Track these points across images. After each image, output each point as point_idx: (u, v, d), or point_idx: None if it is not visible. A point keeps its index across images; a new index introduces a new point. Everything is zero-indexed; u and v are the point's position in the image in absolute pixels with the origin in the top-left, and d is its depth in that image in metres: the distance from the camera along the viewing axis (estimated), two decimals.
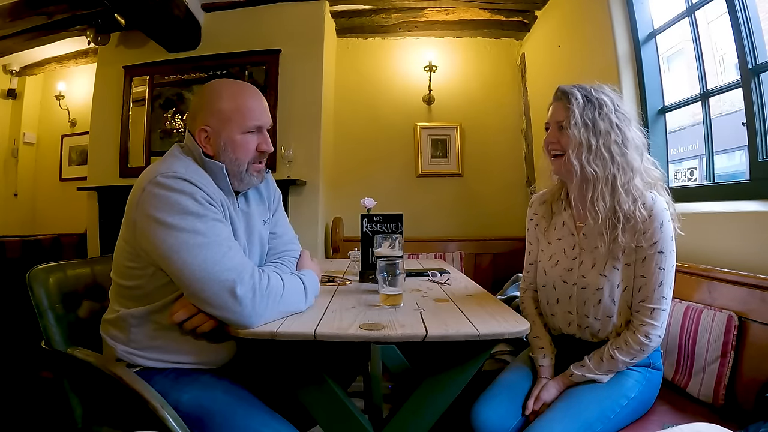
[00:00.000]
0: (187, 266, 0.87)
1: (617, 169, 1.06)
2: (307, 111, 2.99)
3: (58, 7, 2.68)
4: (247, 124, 1.02)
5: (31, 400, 2.10)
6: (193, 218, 0.89)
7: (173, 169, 0.93)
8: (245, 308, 0.86)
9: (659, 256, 1.05)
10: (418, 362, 1.75)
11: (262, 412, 0.93)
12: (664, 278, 1.05)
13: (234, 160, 1.02)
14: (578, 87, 1.12)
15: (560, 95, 1.13)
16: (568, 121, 1.08)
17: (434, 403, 0.94)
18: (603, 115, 1.07)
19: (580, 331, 1.17)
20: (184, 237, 0.88)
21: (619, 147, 1.07)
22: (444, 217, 3.44)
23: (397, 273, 1.03)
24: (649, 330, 1.05)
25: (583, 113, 1.07)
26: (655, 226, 1.04)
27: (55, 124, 4.01)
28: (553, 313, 1.22)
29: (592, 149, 1.06)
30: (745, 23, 1.55)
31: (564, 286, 1.18)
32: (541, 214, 1.29)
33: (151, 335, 0.98)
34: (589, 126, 1.07)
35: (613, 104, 1.10)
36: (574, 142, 1.07)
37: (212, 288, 0.87)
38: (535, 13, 3.16)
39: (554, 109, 1.15)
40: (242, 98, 1.03)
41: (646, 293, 1.06)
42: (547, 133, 1.17)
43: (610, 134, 1.07)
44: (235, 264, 0.90)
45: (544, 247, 1.26)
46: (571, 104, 1.08)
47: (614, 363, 1.07)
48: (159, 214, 0.88)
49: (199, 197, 0.91)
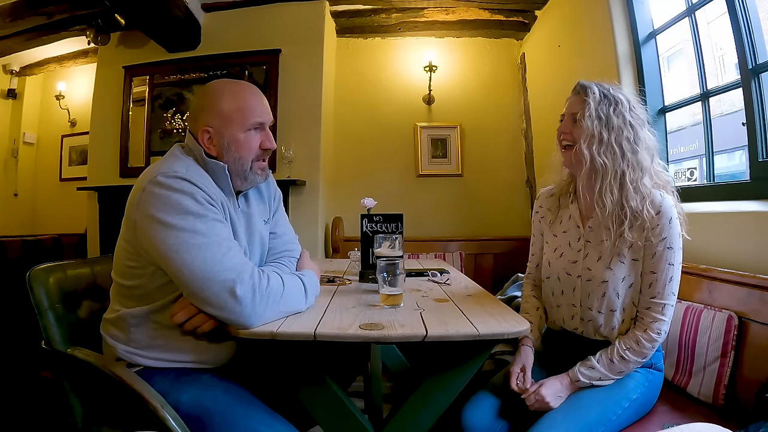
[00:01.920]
0: (187, 266, 0.87)
1: (627, 165, 1.07)
2: (307, 111, 2.99)
3: (58, 7, 2.68)
4: (249, 122, 1.02)
5: (31, 400, 2.10)
6: (194, 218, 0.89)
7: (174, 169, 0.93)
8: (245, 308, 0.86)
9: (669, 252, 1.05)
10: (418, 362, 1.75)
11: (262, 411, 0.93)
12: (674, 274, 1.06)
13: (238, 159, 1.02)
14: (597, 83, 1.14)
15: (579, 89, 1.15)
16: (583, 112, 1.10)
17: (434, 403, 0.94)
18: (618, 111, 1.09)
19: (582, 324, 1.17)
20: (184, 237, 0.88)
21: (630, 144, 1.08)
22: (444, 217, 3.44)
23: (397, 273, 1.03)
24: (660, 326, 1.05)
25: (599, 107, 1.09)
26: (663, 222, 1.05)
27: (55, 124, 4.01)
28: (558, 304, 1.22)
29: (604, 142, 1.08)
30: (745, 23, 1.55)
31: (568, 279, 1.18)
32: (547, 206, 1.30)
33: (152, 335, 0.98)
34: (603, 119, 1.08)
35: (629, 104, 1.11)
36: (586, 133, 1.09)
37: (212, 288, 0.87)
38: (535, 13, 3.16)
39: (571, 102, 1.16)
40: (243, 97, 1.03)
41: (657, 289, 1.06)
42: (560, 124, 1.18)
43: (623, 131, 1.08)
44: (235, 264, 0.90)
45: (550, 239, 1.27)
46: (587, 97, 1.10)
47: (626, 363, 1.05)
48: (159, 214, 0.88)
49: (200, 197, 0.91)
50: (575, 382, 1.07)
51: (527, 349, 1.17)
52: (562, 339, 1.23)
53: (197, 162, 1.01)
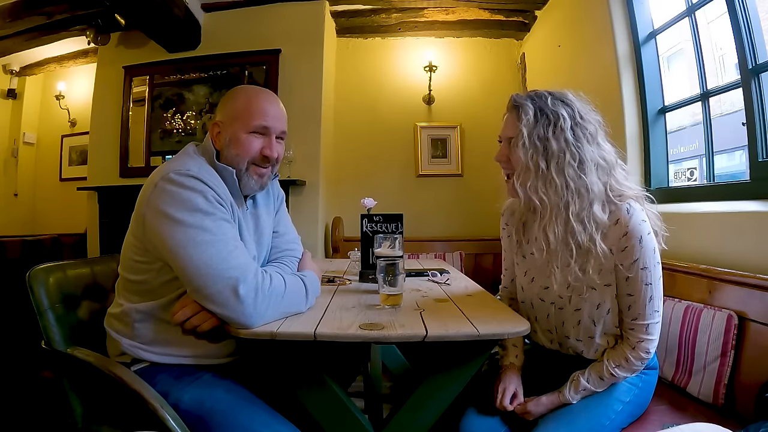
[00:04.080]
0: (192, 262, 0.88)
1: (570, 196, 0.96)
2: (307, 111, 2.99)
3: (58, 7, 2.68)
4: (253, 123, 1.03)
5: (31, 400, 2.10)
6: (202, 215, 0.90)
7: (186, 167, 0.94)
8: (247, 307, 0.87)
9: (643, 273, 0.97)
10: (418, 362, 1.75)
11: (264, 412, 0.93)
12: (653, 292, 0.98)
13: (234, 157, 1.03)
14: (533, 97, 1.02)
15: (512, 107, 1.04)
16: (516, 140, 0.99)
17: (434, 403, 0.94)
18: (558, 132, 0.96)
19: (563, 348, 1.13)
20: (191, 233, 0.89)
21: (574, 170, 0.95)
22: (444, 217, 3.44)
23: (397, 273, 1.03)
24: (648, 346, 1.00)
25: (534, 131, 0.97)
26: (633, 244, 0.96)
27: (55, 124, 4.01)
28: (534, 330, 1.17)
29: (541, 174, 0.96)
30: (745, 23, 1.55)
31: (542, 305, 1.12)
32: (512, 225, 1.21)
33: (156, 330, 0.98)
34: (539, 147, 0.96)
35: (573, 117, 0.98)
36: (520, 165, 0.98)
37: (216, 285, 0.87)
38: (535, 13, 3.16)
39: (506, 122, 1.05)
40: (256, 99, 1.05)
41: (638, 311, 0.99)
42: (499, 147, 1.08)
43: (565, 154, 0.95)
44: (239, 263, 0.90)
45: (519, 261, 1.19)
46: (520, 121, 0.99)
47: (616, 379, 1.02)
48: (169, 210, 0.90)
49: (210, 196, 0.93)
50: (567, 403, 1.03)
51: (509, 374, 1.10)
52: (546, 357, 1.18)
53: (209, 162, 1.03)
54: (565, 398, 1.03)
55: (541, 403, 1.04)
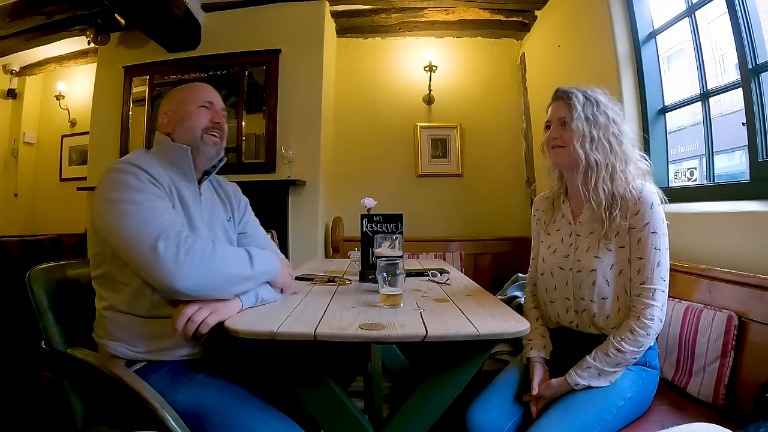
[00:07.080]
0: (120, 232, 0.90)
1: (615, 158, 1.15)
2: (307, 111, 2.99)
3: (58, 7, 2.68)
4: (200, 99, 1.15)
5: (31, 400, 2.10)
6: (133, 191, 0.95)
7: (126, 160, 1.03)
8: (169, 264, 0.86)
9: (653, 237, 1.09)
10: (418, 362, 1.75)
11: (259, 409, 0.93)
12: (661, 258, 1.09)
13: (188, 129, 1.11)
14: (575, 87, 1.21)
15: (560, 95, 1.21)
16: (571, 115, 1.16)
17: (434, 403, 0.94)
18: (600, 110, 1.17)
19: (577, 317, 1.18)
20: (121, 207, 0.93)
21: (616, 138, 1.17)
22: (444, 217, 3.44)
23: (397, 273, 1.03)
24: (652, 312, 1.05)
25: (584, 109, 1.16)
26: (645, 208, 1.10)
27: (55, 124, 4.01)
28: (551, 300, 1.25)
29: (595, 140, 1.15)
30: (745, 23, 1.55)
31: (561, 273, 1.22)
32: (542, 209, 1.36)
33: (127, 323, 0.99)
34: (591, 119, 1.16)
35: (608, 102, 1.20)
36: (578, 134, 1.15)
37: (138, 248, 0.88)
38: (535, 13, 3.16)
39: (555, 108, 1.22)
40: (195, 87, 1.19)
41: (645, 274, 1.09)
42: (548, 131, 1.23)
43: (609, 127, 1.16)
44: (162, 222, 0.92)
45: (544, 238, 1.32)
46: (572, 101, 1.17)
47: (623, 355, 1.05)
48: (106, 193, 0.96)
49: (142, 177, 0.98)
50: (574, 386, 1.07)
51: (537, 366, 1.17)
52: (559, 337, 1.23)
53: (160, 152, 1.11)
54: (572, 379, 1.07)
55: (551, 386, 1.10)
